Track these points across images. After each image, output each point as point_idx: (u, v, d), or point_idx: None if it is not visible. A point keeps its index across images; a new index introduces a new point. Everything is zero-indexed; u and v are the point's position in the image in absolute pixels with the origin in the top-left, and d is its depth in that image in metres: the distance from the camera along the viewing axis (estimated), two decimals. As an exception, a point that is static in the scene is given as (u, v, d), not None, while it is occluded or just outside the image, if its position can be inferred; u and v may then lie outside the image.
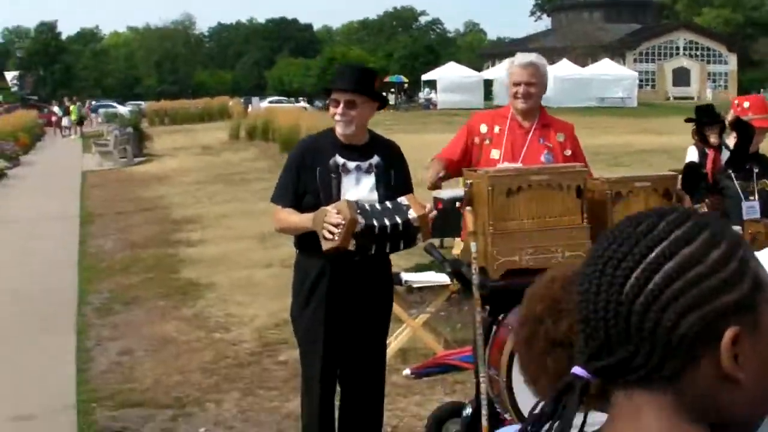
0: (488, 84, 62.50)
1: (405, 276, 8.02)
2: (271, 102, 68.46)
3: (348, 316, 5.13)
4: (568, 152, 5.98)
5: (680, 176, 5.56)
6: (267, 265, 12.15)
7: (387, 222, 4.87)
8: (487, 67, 78.02)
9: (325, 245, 4.81)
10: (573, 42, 71.03)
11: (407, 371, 7.28)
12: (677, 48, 74.66)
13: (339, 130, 5.13)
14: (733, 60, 76.45)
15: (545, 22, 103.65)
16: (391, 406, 6.59)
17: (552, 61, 63.87)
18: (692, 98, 69.09)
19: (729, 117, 5.66)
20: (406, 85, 71.32)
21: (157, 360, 8.06)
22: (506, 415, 5.26)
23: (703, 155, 5.56)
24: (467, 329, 8.66)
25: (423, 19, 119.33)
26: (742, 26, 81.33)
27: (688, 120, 5.85)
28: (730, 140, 5.96)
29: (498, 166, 5.70)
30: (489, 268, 5.04)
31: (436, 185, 5.71)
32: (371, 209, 4.92)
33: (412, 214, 4.93)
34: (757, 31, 79.67)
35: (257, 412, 6.69)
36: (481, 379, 5.12)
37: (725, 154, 5.76)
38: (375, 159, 5.18)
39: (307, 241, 5.02)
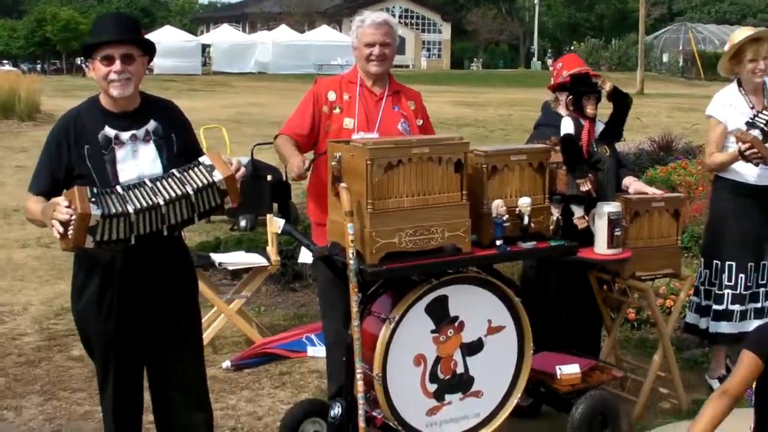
0: (203, 49, 61.07)
1: (218, 258, 7.32)
2: (-28, 65, 64.30)
3: (148, 307, 4.41)
4: (420, 122, 5.56)
5: (559, 149, 5.21)
6: (23, 244, 11.08)
7: (159, 199, 4.10)
8: (202, 32, 76.41)
9: (60, 244, 4.05)
10: (290, 8, 70.66)
11: (227, 363, 6.70)
12: (393, 16, 75.66)
13: (115, 92, 4.28)
14: (447, 29, 78.05)
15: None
16: (220, 405, 5.96)
17: (269, 27, 63.60)
18: (407, 66, 70.47)
19: (606, 87, 5.33)
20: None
21: None
22: (375, 413, 4.79)
23: (578, 127, 5.20)
24: (272, 313, 8.11)
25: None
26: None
27: (562, 89, 5.50)
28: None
29: (354, 136, 5.17)
30: (365, 252, 4.51)
31: (302, 176, 5.05)
32: (129, 190, 4.10)
33: (217, 175, 4.21)
34: (470, 1, 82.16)
35: (67, 420, 5.85)
36: (358, 375, 4.58)
37: (599, 126, 5.44)
38: (152, 124, 4.40)
39: None
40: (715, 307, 6.17)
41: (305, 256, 7.43)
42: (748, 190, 6.10)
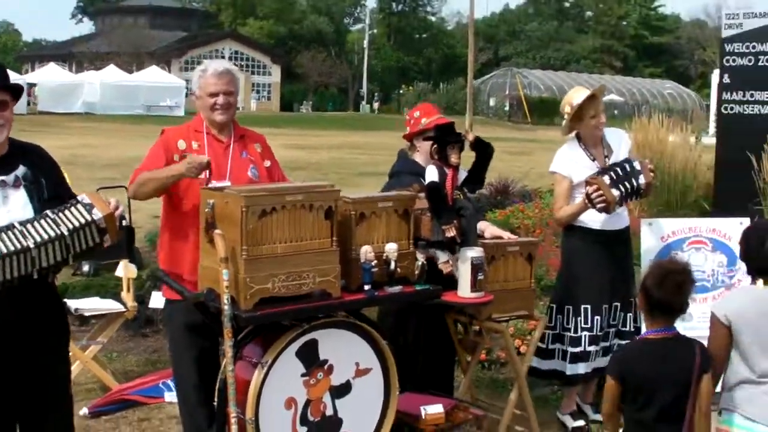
0: (28, 88, 59.48)
1: (74, 303, 7.23)
2: None
3: (22, 357, 4.35)
4: (268, 163, 5.66)
5: (425, 197, 5.38)
6: None
7: (29, 242, 4.07)
8: (27, 71, 74.49)
9: None
10: (119, 47, 69.65)
11: (84, 411, 6.62)
12: (223, 57, 74.45)
13: None
14: (276, 72, 78.02)
15: (87, 26, 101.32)
16: (78, 452, 5.85)
17: (97, 67, 62.50)
18: (238, 109, 70.44)
19: (470, 137, 5.55)
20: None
21: None
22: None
23: (443, 175, 5.39)
24: (124, 359, 8.04)
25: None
26: (285, 39, 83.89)
27: (427, 138, 5.68)
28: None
29: (211, 185, 5.19)
30: (240, 297, 4.59)
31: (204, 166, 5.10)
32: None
33: (96, 213, 4.22)
34: (300, 44, 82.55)
35: None
36: (232, 420, 4.63)
37: (461, 174, 5.65)
38: (21, 170, 4.39)
39: None
40: (571, 350, 6.43)
41: (156, 301, 7.44)
42: (595, 236, 6.41)
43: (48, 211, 4.20)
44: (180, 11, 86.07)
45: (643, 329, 5.37)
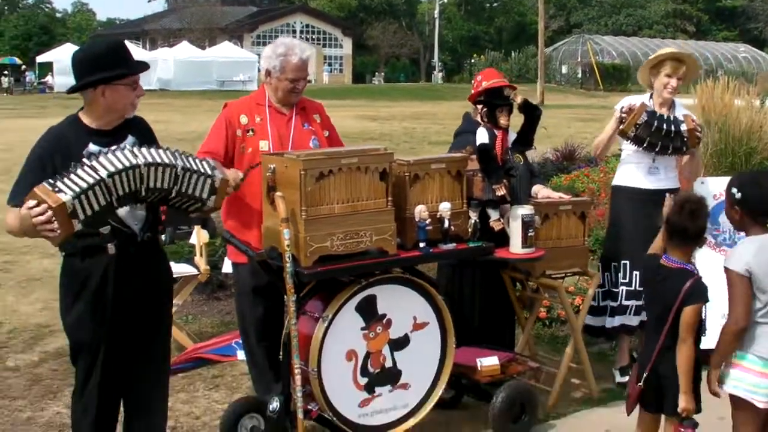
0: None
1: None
2: None
3: (134, 318, 4.67)
4: (327, 133, 5.86)
5: (476, 158, 5.60)
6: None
7: (139, 160, 4.30)
8: (102, 49, 75.24)
9: (54, 242, 4.24)
10: (191, 24, 70.34)
11: (161, 368, 6.92)
12: (294, 31, 75.04)
13: (133, 113, 4.70)
14: (348, 44, 78.38)
15: (160, 3, 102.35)
16: (158, 407, 6.19)
17: (170, 44, 63.16)
18: (310, 81, 70.56)
19: (518, 100, 5.75)
20: (23, 68, 67.20)
21: None
22: (311, 406, 5.12)
23: (492, 136, 5.61)
24: (199, 321, 8.38)
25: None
26: (356, 11, 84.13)
27: (476, 102, 5.90)
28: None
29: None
30: (300, 255, 4.86)
31: (238, 187, 5.17)
32: (98, 157, 4.27)
33: (217, 173, 4.55)
34: (371, 16, 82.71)
35: (12, 425, 6.05)
36: (296, 371, 4.91)
37: (511, 135, 5.85)
38: (130, 139, 4.68)
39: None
40: (611, 304, 6.59)
41: (229, 267, 7.74)
42: (639, 194, 6.54)
43: (171, 147, 4.51)
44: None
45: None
